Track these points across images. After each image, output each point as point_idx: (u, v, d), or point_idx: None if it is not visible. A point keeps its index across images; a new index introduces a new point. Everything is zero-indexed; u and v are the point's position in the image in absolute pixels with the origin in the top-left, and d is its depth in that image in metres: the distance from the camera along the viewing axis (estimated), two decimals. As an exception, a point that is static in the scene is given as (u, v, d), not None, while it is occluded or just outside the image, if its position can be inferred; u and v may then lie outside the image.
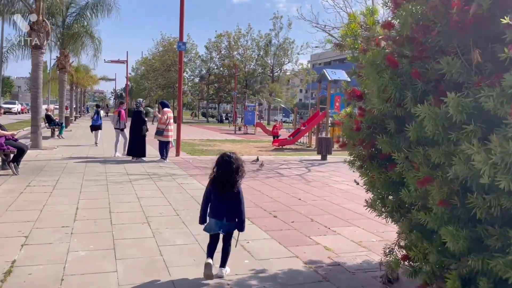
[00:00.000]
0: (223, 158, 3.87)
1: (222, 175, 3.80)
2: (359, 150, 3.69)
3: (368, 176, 3.82)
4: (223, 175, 3.79)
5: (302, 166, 12.16)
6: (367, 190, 3.95)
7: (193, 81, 56.63)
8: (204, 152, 14.96)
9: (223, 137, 23.95)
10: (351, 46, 3.49)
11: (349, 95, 3.45)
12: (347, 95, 3.48)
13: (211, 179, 3.89)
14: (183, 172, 10.09)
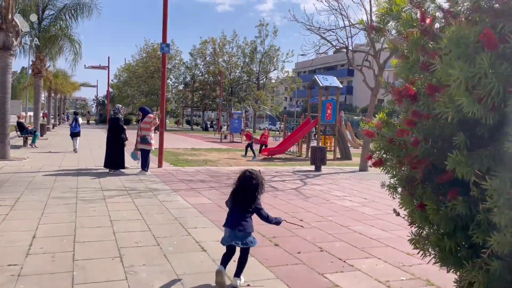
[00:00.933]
0: (245, 174, 3.99)
1: (243, 189, 3.91)
2: (408, 170, 2.71)
3: (412, 205, 2.85)
4: (244, 189, 3.91)
5: (296, 179, 11.19)
6: (411, 224, 2.98)
7: (177, 88, 55.41)
8: (189, 163, 13.88)
9: (209, 146, 22.87)
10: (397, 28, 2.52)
11: (399, 95, 2.48)
12: (397, 95, 2.51)
13: (232, 191, 4.03)
14: (165, 186, 9.00)
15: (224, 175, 11.28)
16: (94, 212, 6.32)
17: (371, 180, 11.43)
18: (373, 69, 13.14)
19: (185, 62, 52.22)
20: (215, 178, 10.50)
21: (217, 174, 11.41)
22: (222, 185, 9.48)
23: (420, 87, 2.45)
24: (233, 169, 12.73)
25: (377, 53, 12.59)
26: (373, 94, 13.21)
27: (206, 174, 11.20)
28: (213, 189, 8.90)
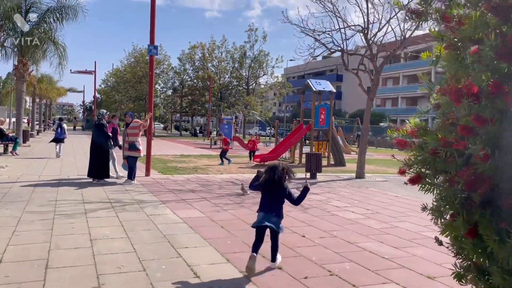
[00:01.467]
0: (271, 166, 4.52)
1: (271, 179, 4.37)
2: (461, 190, 2.16)
3: (459, 231, 2.30)
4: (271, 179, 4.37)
5: (291, 187, 10.58)
6: (457, 255, 2.42)
7: (166, 93, 54.63)
8: (179, 171, 13.23)
9: (198, 152, 22.21)
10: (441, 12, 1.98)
11: (457, 95, 1.93)
12: (454, 94, 1.96)
13: (262, 181, 4.47)
14: (153, 197, 8.35)
15: (216, 184, 10.66)
16: (72, 230, 5.66)
17: (370, 188, 10.92)
18: (369, 72, 12.69)
19: (173, 67, 51.56)
20: (206, 188, 9.88)
21: (208, 183, 10.79)
22: (214, 195, 8.87)
23: (483, 85, 1.90)
24: (225, 177, 12.13)
25: (374, 56, 12.14)
26: (369, 99, 12.75)
27: (196, 183, 10.57)
28: (204, 200, 8.28)
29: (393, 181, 12.62)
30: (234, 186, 10.30)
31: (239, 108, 45.42)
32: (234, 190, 9.61)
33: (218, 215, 6.92)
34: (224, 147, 16.31)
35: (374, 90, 12.47)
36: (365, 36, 11.76)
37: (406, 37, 12.01)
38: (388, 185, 11.69)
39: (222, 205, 7.74)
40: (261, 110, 50.02)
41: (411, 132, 2.49)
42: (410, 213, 7.68)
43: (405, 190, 10.84)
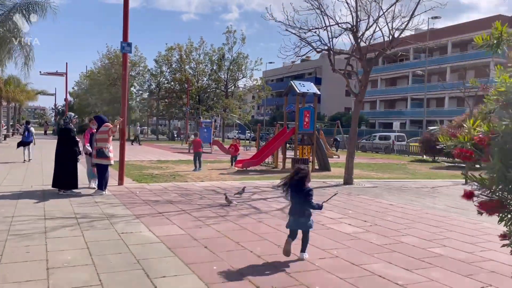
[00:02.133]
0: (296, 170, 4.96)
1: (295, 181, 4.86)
2: None
3: None
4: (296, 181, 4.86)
5: (279, 195, 9.84)
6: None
7: (142, 96, 53.18)
8: (155, 178, 12.29)
9: (176, 157, 21.23)
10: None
11: None
12: None
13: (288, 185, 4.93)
14: (126, 211, 7.44)
15: (196, 193, 9.81)
16: (26, 255, 4.73)
17: (361, 195, 10.27)
18: (357, 73, 12.10)
19: (150, 69, 50.21)
20: (186, 198, 9.01)
21: (188, 192, 9.92)
22: (195, 206, 8.01)
23: None
24: (205, 185, 11.27)
25: (363, 56, 11.55)
26: (357, 100, 12.16)
27: (175, 193, 9.68)
28: (184, 212, 7.42)
29: (382, 187, 12.04)
30: (216, 196, 9.47)
31: (217, 111, 44.52)
32: (217, 201, 8.78)
33: (201, 231, 6.09)
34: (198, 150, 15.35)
35: (363, 92, 11.88)
36: (354, 34, 11.16)
37: (395, 37, 11.46)
38: (379, 192, 11.09)
39: (204, 219, 6.91)
40: (240, 113, 49.25)
41: (481, 140, 1.75)
42: (411, 225, 7.02)
43: (397, 197, 10.25)
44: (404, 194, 10.79)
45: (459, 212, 8.49)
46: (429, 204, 9.41)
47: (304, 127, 16.18)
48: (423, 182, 13.97)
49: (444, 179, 15.56)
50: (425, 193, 11.20)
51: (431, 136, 26.83)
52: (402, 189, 11.91)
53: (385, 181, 13.93)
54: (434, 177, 16.12)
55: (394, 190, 11.52)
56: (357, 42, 11.35)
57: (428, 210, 8.54)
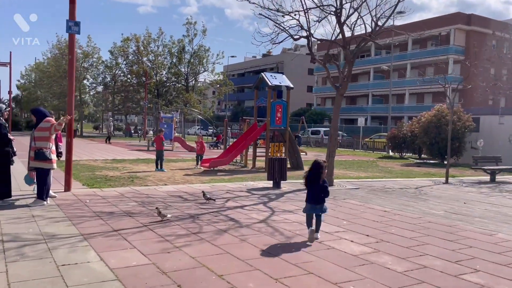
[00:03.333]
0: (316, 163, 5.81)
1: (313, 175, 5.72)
2: None
3: None
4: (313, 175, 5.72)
5: (256, 202, 8.54)
6: None
7: (96, 90, 50.08)
8: (110, 181, 10.63)
9: (134, 156, 19.40)
10: None
11: None
12: None
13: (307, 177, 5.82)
14: (71, 229, 5.86)
15: (159, 200, 8.30)
16: None
17: (348, 200, 9.14)
18: (338, 65, 10.98)
19: (104, 60, 47.25)
20: (148, 207, 7.50)
21: (149, 199, 8.39)
22: (159, 219, 6.54)
23: None
24: (170, 189, 9.76)
25: (347, 44, 10.42)
26: (339, 94, 11.05)
27: (134, 200, 8.13)
28: (146, 229, 5.94)
29: (366, 189, 11.02)
30: (184, 204, 8.01)
31: (178, 106, 42.54)
32: (186, 210, 7.33)
33: (170, 259, 4.66)
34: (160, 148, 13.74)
35: (345, 84, 10.78)
36: (338, 18, 10.00)
37: (380, 26, 10.42)
38: (365, 195, 10.02)
39: (173, 239, 5.47)
40: (201, 108, 47.41)
41: None
42: (422, 239, 5.92)
43: (387, 201, 9.22)
44: (392, 197, 9.79)
45: (462, 219, 7.53)
46: (425, 209, 8.42)
47: (276, 123, 14.95)
48: (403, 182, 13.13)
49: (422, 178, 14.86)
50: (413, 196, 10.26)
51: (399, 132, 26.49)
52: (386, 191, 10.94)
53: (364, 181, 12.96)
54: (411, 175, 15.38)
55: (379, 192, 10.51)
56: (341, 28, 10.20)
57: (429, 218, 7.52)
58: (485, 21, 49.20)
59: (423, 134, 22.48)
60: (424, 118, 22.80)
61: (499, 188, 12.57)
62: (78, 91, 45.39)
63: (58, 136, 8.10)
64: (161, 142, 13.84)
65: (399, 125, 27.54)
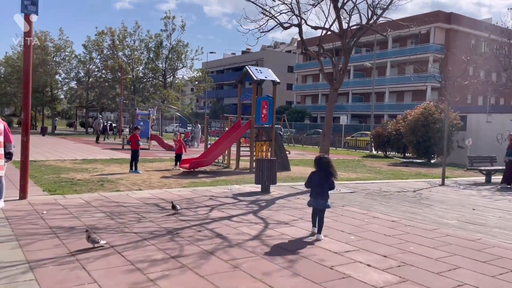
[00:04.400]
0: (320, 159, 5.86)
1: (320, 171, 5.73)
2: None
3: None
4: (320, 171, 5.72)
5: (245, 210, 7.42)
6: None
7: (68, 85, 47.79)
8: (76, 186, 9.32)
9: (107, 155, 17.97)
10: None
11: None
12: None
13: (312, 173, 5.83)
14: (16, 253, 4.62)
15: (132, 210, 7.09)
16: None
17: (347, 207, 8.13)
18: (332, 56, 9.97)
19: (77, 55, 45.15)
20: (118, 220, 6.29)
21: (120, 208, 7.17)
22: (131, 237, 5.35)
23: None
24: (145, 195, 8.54)
25: (344, 33, 9.41)
26: (333, 89, 10.05)
27: (101, 211, 6.90)
28: (113, 252, 4.75)
29: (361, 192, 10.06)
30: (160, 214, 6.83)
31: (155, 102, 40.94)
32: (163, 224, 6.16)
33: (142, 299, 3.51)
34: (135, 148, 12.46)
35: (341, 78, 9.78)
36: (335, 3, 8.97)
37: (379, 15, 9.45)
38: (362, 200, 9.05)
39: (146, 266, 4.31)
40: (179, 105, 45.86)
41: None
42: (449, 261, 4.94)
43: (389, 208, 8.26)
44: (393, 203, 8.84)
45: (480, 230, 6.62)
46: (435, 218, 7.48)
47: (261, 120, 13.86)
48: (397, 184, 12.25)
49: (415, 178, 14.04)
50: (415, 200, 9.35)
51: (383, 130, 25.81)
52: (384, 194, 10.01)
53: (357, 183, 12.01)
54: (402, 176, 14.54)
55: (377, 197, 9.56)
56: (337, 14, 9.16)
57: (445, 229, 6.57)
58: (464, 20, 49.36)
59: (409, 133, 21.80)
60: (410, 116, 22.12)
61: (499, 191, 11.82)
62: (49, 86, 43.26)
63: (6, 133, 6.78)
64: (136, 141, 12.56)
65: (384, 123, 26.86)
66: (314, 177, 5.77)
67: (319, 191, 5.69)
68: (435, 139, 20.70)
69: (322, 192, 5.68)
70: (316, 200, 5.70)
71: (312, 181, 5.79)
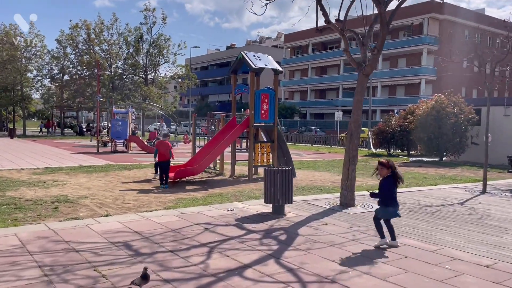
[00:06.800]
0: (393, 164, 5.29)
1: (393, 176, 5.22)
2: None
3: None
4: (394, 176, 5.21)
5: (261, 253, 4.97)
6: None
7: (42, 83, 44.42)
8: (19, 212, 6.74)
9: (77, 161, 15.29)
10: None
11: None
12: None
13: (387, 177, 5.25)
14: None
15: (85, 260, 4.59)
16: None
17: (403, 238, 5.74)
18: (361, 36, 7.60)
19: (50, 50, 41.90)
20: (61, 278, 3.79)
21: (69, 256, 4.66)
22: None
23: None
24: (112, 226, 6.01)
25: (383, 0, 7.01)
26: (363, 74, 7.67)
27: (38, 263, 4.38)
28: None
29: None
30: (130, 267, 4.34)
31: (136, 100, 38.10)
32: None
33: None
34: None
35: (374, 59, 7.41)
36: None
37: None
38: (410, 222, 6.71)
39: None
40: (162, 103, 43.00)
41: None
42: None
43: (451, 233, 5.92)
44: (454, 227, 6.53)
45: None
46: (534, 254, 5.18)
47: (261, 117, 11.42)
48: (433, 193, 9.98)
49: (444, 184, 11.81)
50: (476, 220, 7.06)
51: (386, 127, 23.66)
52: (430, 211, 7.71)
53: (384, 193, 9.67)
54: (428, 181, 12.28)
55: (425, 215, 7.25)
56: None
57: None
58: (457, 10, 47.67)
59: (420, 129, 19.65)
60: (420, 111, 19.96)
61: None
62: (19, 84, 39.96)
63: None
64: (169, 151, 9.80)
65: (386, 119, 24.69)
66: (391, 183, 5.17)
67: (395, 198, 5.21)
68: (448, 135, 18.61)
69: (381, 199, 5.27)
70: (396, 208, 5.21)
71: (393, 188, 5.18)
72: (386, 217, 5.24)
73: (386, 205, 5.17)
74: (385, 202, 5.18)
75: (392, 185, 5.14)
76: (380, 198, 5.24)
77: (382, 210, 5.23)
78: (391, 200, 5.16)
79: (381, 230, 5.24)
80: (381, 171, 5.26)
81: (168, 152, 9.73)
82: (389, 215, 5.20)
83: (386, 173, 5.20)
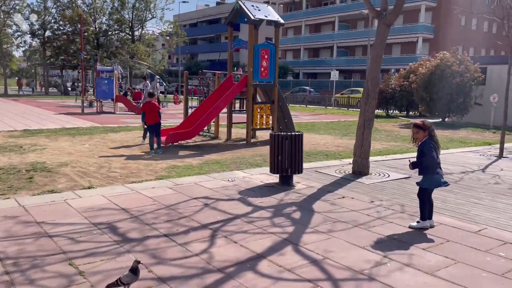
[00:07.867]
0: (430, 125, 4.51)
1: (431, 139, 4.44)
2: None
3: None
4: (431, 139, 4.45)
5: (273, 236, 4.14)
6: None
7: (23, 39, 42.17)
8: (-15, 185, 5.80)
9: (60, 122, 14.20)
10: None
11: None
12: None
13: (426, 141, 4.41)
14: None
15: (60, 250, 3.71)
16: None
17: (437, 215, 4.95)
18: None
19: (30, 4, 39.42)
20: (27, 278, 2.92)
21: (40, 242, 3.78)
22: None
23: None
24: (96, 202, 5.11)
25: None
26: (383, 23, 6.64)
27: (1, 249, 3.50)
28: None
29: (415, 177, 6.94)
30: (116, 259, 3.47)
31: (122, 58, 36.35)
32: None
33: None
34: None
35: (398, 6, 6.36)
36: None
37: None
38: (440, 195, 5.92)
39: None
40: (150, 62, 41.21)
41: None
42: None
43: (489, 210, 5.15)
44: (487, 199, 5.77)
45: None
46: None
47: (261, 76, 10.37)
48: (447, 158, 9.18)
49: (456, 148, 11.06)
50: (505, 190, 6.32)
51: (386, 87, 22.70)
52: (454, 180, 6.95)
53: (396, 158, 8.91)
54: (438, 145, 11.49)
55: (452, 187, 6.46)
56: None
57: None
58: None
59: (422, 88, 18.73)
60: (424, 69, 18.95)
61: None
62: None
63: None
64: (157, 112, 8.72)
65: (386, 78, 23.68)
66: (432, 146, 4.39)
67: (439, 163, 4.44)
68: (452, 95, 17.75)
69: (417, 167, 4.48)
70: (441, 175, 4.45)
71: (434, 152, 4.39)
72: (434, 187, 4.49)
73: (431, 173, 4.37)
74: (430, 169, 4.36)
75: (433, 149, 4.36)
76: (423, 167, 4.40)
77: (427, 180, 4.41)
78: (436, 167, 4.37)
79: (425, 209, 4.45)
80: (417, 134, 4.45)
81: (157, 114, 8.70)
82: (437, 184, 4.44)
83: (423, 136, 4.40)
